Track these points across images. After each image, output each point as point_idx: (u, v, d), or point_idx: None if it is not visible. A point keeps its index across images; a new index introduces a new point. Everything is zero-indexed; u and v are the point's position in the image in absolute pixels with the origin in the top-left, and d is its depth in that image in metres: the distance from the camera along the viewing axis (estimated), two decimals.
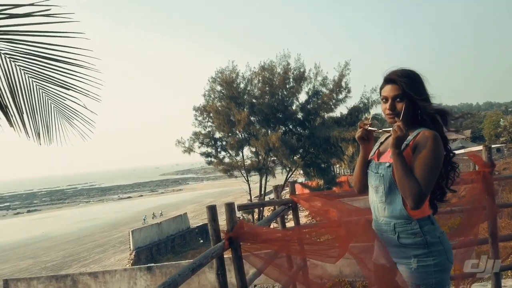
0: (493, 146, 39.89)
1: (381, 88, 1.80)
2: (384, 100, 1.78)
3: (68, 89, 2.42)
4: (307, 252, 2.25)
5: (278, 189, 2.61)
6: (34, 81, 2.40)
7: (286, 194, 4.83)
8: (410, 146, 1.69)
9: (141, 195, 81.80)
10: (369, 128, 1.82)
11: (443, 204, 2.32)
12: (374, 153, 1.91)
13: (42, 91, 2.47)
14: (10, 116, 2.31)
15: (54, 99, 2.51)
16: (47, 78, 2.39)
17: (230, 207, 1.69)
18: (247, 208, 2.27)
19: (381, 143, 1.93)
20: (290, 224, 2.82)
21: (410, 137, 1.71)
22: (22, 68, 2.32)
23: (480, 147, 2.63)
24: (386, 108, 1.75)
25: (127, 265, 19.60)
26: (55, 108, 2.55)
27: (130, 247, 21.93)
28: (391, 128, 1.68)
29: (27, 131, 2.41)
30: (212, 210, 1.65)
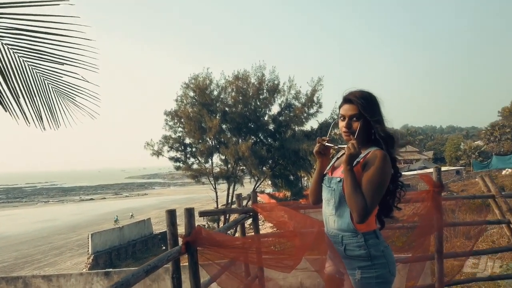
0: (453, 168, 41.81)
1: (340, 107, 1.92)
2: (342, 118, 1.89)
3: (63, 64, 2.22)
4: (264, 260, 2.32)
5: (240, 197, 2.68)
6: (25, 60, 2.22)
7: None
8: (361, 163, 1.80)
9: (104, 198, 79.20)
10: (326, 144, 1.94)
11: (395, 220, 2.48)
12: (329, 167, 2.02)
13: (35, 71, 2.27)
14: (5, 101, 2.12)
15: (49, 78, 2.32)
16: (38, 54, 2.21)
17: (189, 212, 1.74)
18: (207, 214, 2.32)
19: (337, 158, 2.05)
20: (251, 232, 2.88)
21: (361, 155, 1.82)
22: (9, 46, 2.13)
23: (443, 168, 2.81)
24: (343, 126, 1.87)
25: (84, 269, 18.91)
26: (53, 88, 2.35)
27: (88, 250, 21.18)
28: (346, 146, 1.80)
29: (26, 116, 2.20)
30: (171, 214, 1.69)
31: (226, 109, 24.60)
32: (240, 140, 24.42)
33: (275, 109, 25.82)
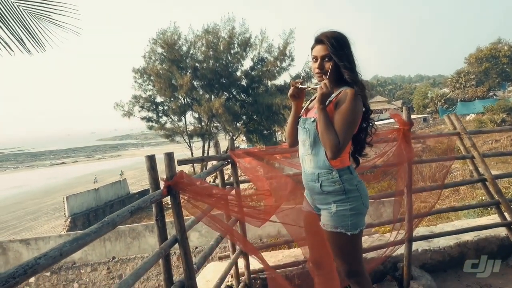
0: (420, 115, 43.22)
1: (312, 48, 1.93)
2: (314, 59, 1.90)
3: None
4: (238, 212, 2.42)
5: (217, 144, 2.71)
6: None
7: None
8: (333, 102, 1.85)
9: (76, 161, 77.69)
10: (300, 86, 1.96)
11: (367, 159, 2.59)
12: (304, 110, 2.07)
13: None
14: None
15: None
16: None
17: (169, 156, 1.76)
18: (186, 162, 2.35)
19: (311, 100, 2.09)
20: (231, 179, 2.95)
21: (333, 95, 1.87)
22: None
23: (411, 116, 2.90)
24: (316, 67, 1.88)
25: (62, 232, 18.90)
26: (26, 10, 2.18)
27: (65, 213, 21.03)
28: (319, 86, 1.83)
29: (8, 44, 2.05)
30: (151, 159, 1.70)
31: (197, 65, 24.04)
32: (212, 97, 24.14)
33: (247, 63, 25.53)
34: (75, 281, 12.43)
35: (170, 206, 1.81)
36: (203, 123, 25.42)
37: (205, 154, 25.07)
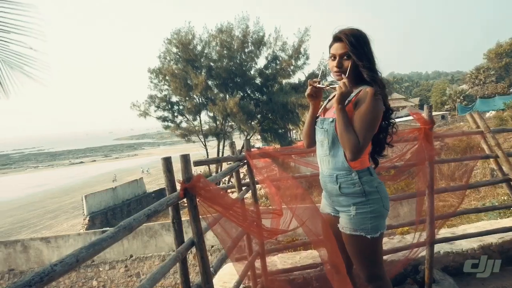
0: (438, 113, 42.40)
1: (330, 46, 1.87)
2: (332, 57, 1.84)
3: (9, 32, 2.16)
4: (251, 226, 2.39)
5: (233, 145, 2.68)
6: None
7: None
8: (352, 102, 1.78)
9: (94, 160, 79.09)
10: (317, 85, 1.91)
11: (386, 159, 2.53)
12: (322, 109, 2.01)
13: None
14: None
15: None
16: None
17: (185, 158, 1.74)
18: (202, 163, 2.34)
19: (329, 100, 2.04)
20: (247, 179, 2.91)
21: (353, 94, 1.81)
22: None
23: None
24: (334, 66, 1.82)
25: (81, 230, 19.25)
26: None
27: (83, 212, 21.44)
28: (337, 85, 1.78)
29: None
30: (167, 161, 1.69)
31: (211, 64, 24.09)
32: (227, 96, 24.15)
33: (261, 62, 25.37)
34: (94, 279, 12.65)
35: (185, 205, 1.79)
36: (218, 122, 25.48)
37: (220, 154, 25.13)
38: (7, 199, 38.76)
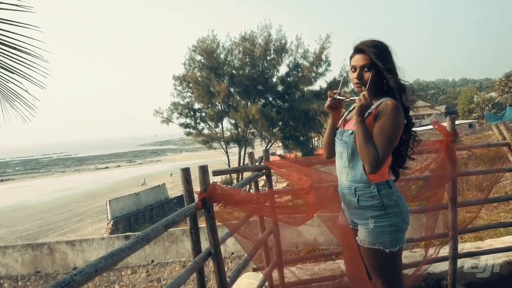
0: (465, 121, 41.19)
1: (351, 58, 1.86)
2: (353, 69, 1.83)
3: (13, 73, 2.42)
4: (277, 214, 2.37)
5: (252, 155, 2.70)
6: None
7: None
8: (372, 114, 1.77)
9: (119, 166, 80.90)
10: (337, 97, 1.90)
11: (408, 171, 2.47)
12: (341, 121, 2.00)
13: None
14: None
15: None
16: None
17: (203, 169, 1.76)
18: (222, 173, 2.37)
19: (349, 111, 2.02)
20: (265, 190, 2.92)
21: (373, 106, 1.79)
22: None
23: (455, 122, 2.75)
24: (354, 77, 1.81)
25: (105, 234, 19.66)
26: None
27: (107, 216, 21.93)
28: (357, 97, 1.77)
29: None
30: (186, 172, 1.72)
31: (234, 72, 24.33)
32: (249, 103, 24.30)
33: (283, 69, 25.45)
34: (116, 283, 12.86)
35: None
36: (239, 129, 25.62)
37: (242, 161, 25.21)
38: (36, 202, 40.12)
